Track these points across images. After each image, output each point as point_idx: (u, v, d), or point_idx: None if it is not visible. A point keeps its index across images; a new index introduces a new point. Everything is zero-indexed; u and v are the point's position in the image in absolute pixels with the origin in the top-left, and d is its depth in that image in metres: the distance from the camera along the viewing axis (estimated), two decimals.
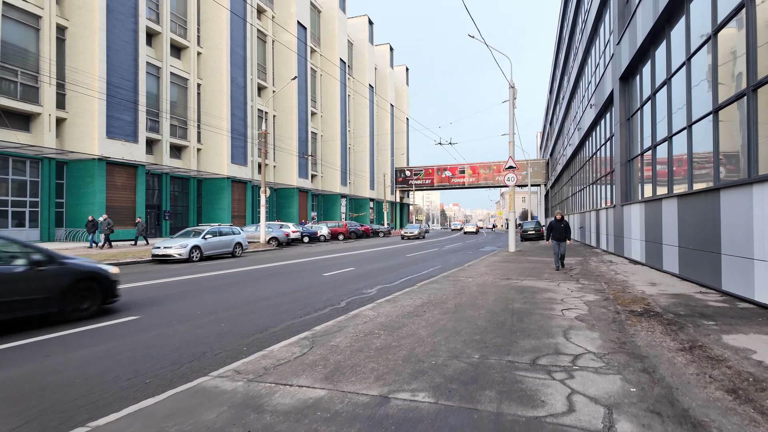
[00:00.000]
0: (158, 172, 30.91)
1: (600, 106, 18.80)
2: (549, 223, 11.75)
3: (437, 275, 11.29)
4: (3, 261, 5.88)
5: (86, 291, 6.56)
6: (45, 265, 6.08)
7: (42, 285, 5.98)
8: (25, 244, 6.32)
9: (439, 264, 15.23)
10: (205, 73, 35.22)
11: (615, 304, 6.88)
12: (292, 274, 12.14)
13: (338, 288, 9.50)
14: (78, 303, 6.43)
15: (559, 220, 11.71)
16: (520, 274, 11.04)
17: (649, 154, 12.20)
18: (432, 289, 8.54)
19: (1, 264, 5.83)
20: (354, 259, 17.14)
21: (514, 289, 8.52)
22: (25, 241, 6.62)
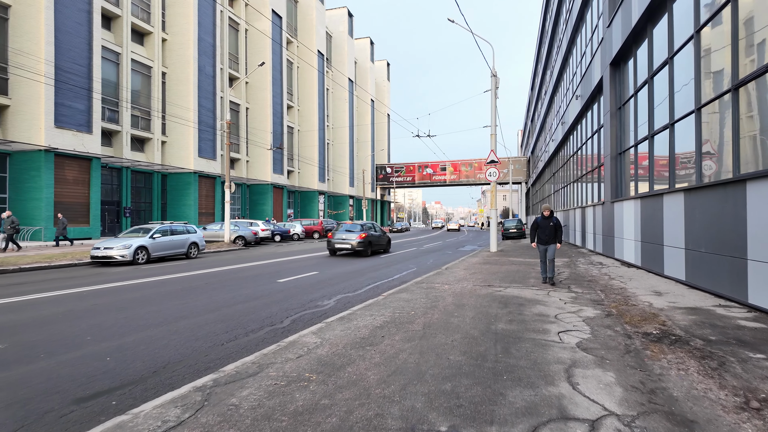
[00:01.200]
0: (117, 165, 28.73)
1: (586, 97, 17.64)
2: (534, 222, 9.01)
3: (410, 280, 9.85)
4: None
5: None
6: None
7: None
8: None
9: (415, 266, 13.80)
10: (171, 61, 33.05)
11: (622, 322, 5.53)
12: (243, 280, 10.54)
13: (289, 299, 7.96)
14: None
15: (546, 218, 8.91)
16: (503, 279, 9.68)
17: (646, 144, 10.98)
18: (400, 301, 7.08)
19: None
20: (321, 261, 15.59)
21: (497, 300, 7.12)
22: None
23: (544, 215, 8.98)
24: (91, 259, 14.05)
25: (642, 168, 11.51)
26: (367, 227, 18.73)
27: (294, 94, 50.65)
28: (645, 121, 11.09)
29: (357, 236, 17.61)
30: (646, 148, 10.99)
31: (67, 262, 14.11)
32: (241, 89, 41.33)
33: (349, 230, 18.20)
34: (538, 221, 9.04)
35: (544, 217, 8.97)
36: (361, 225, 18.70)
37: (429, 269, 12.78)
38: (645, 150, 11.10)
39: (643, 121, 11.25)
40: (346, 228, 18.56)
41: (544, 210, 9.01)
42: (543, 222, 8.96)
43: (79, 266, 14.03)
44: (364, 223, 19.16)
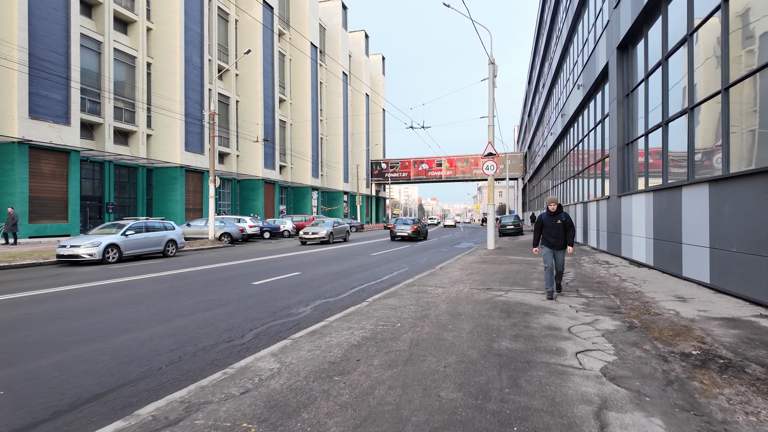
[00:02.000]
0: (100, 159, 27.55)
1: (589, 86, 16.68)
2: (537, 219, 6.97)
3: (400, 282, 8.87)
4: None
5: None
6: None
7: None
8: None
9: (407, 266, 12.83)
10: (156, 51, 31.81)
11: (650, 338, 4.57)
12: (214, 282, 9.53)
13: (260, 306, 6.95)
14: None
15: (553, 214, 6.81)
16: (502, 281, 8.72)
17: (658, 133, 10.04)
18: (385, 309, 6.10)
19: None
20: (308, 259, 14.59)
21: (497, 308, 6.15)
22: None
23: (549, 211, 6.83)
24: (57, 259, 12.99)
25: (654, 159, 10.57)
26: (416, 221, 26.69)
27: (286, 87, 49.46)
28: (657, 108, 10.15)
29: (411, 227, 25.62)
30: (658, 137, 10.05)
31: (32, 261, 13.05)
32: (231, 81, 40.13)
33: (405, 223, 26.24)
34: (543, 219, 6.88)
35: (550, 213, 6.81)
36: (413, 220, 26.80)
37: (422, 269, 11.81)
38: (657, 139, 10.16)
39: (656, 107, 10.31)
40: (402, 222, 26.61)
41: (550, 204, 6.82)
42: (549, 220, 6.80)
43: (44, 266, 12.97)
44: (414, 219, 27.11)
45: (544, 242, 6.94)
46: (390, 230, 26.37)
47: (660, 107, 9.94)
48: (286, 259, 14.69)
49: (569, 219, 6.87)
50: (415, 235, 25.36)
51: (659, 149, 10.00)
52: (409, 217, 28.66)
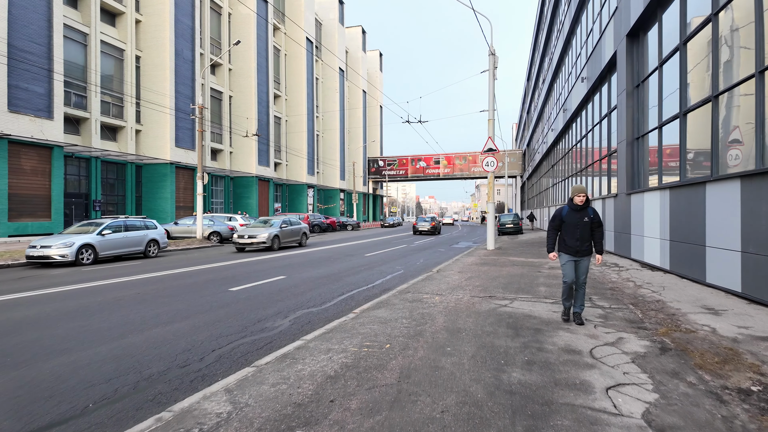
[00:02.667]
0: (86, 155, 26.59)
1: (594, 78, 15.86)
2: (555, 216, 5.37)
3: (393, 288, 8.05)
4: None
5: None
6: None
7: None
8: None
9: (402, 268, 12.00)
10: (146, 44, 30.83)
11: (691, 365, 3.76)
12: (186, 288, 8.68)
13: (231, 318, 6.11)
14: None
15: (580, 208, 5.17)
16: (506, 287, 7.90)
17: (675, 125, 9.23)
18: (374, 323, 5.27)
19: None
20: (296, 261, 13.75)
21: (503, 322, 5.33)
22: None
23: (574, 204, 5.16)
24: (26, 259, 12.11)
25: (669, 153, 9.77)
26: (433, 219, 33.17)
27: (281, 82, 48.52)
28: (673, 98, 9.34)
29: (429, 224, 32.01)
30: (674, 129, 9.24)
31: (1, 263, 12.17)
32: (224, 76, 39.18)
33: (425, 220, 32.74)
34: (563, 215, 5.23)
35: (575, 207, 5.15)
36: (431, 218, 33.28)
37: (418, 272, 10.99)
38: (673, 132, 9.35)
39: (671, 96, 9.50)
40: (422, 219, 33.12)
41: (577, 195, 5.14)
42: (572, 217, 5.15)
43: (12, 267, 12.10)
44: (432, 216, 34.02)
45: (562, 247, 5.24)
46: (413, 226, 32.96)
47: (677, 97, 9.13)
48: (273, 260, 13.84)
49: (598, 216, 5.21)
50: (433, 230, 31.99)
51: (676, 142, 9.19)
52: (428, 215, 36.20)
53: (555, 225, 5.38)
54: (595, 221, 5.20)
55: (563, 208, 5.36)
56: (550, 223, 5.45)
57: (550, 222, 5.42)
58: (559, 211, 5.38)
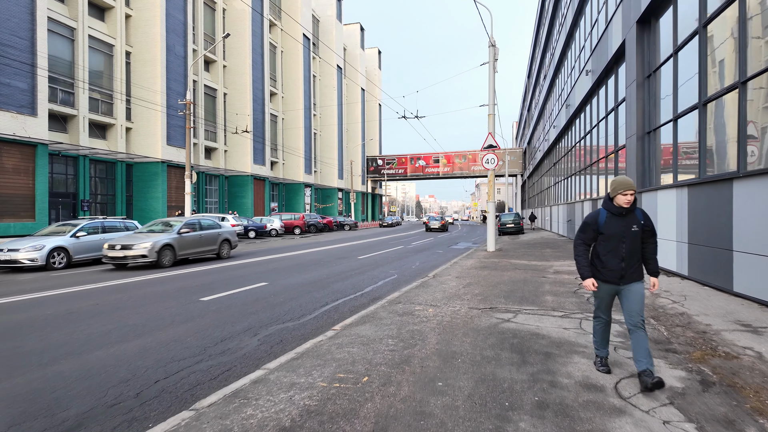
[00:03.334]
0: (74, 154, 25.78)
1: (600, 70, 15.05)
2: (587, 225, 3.60)
3: (383, 298, 7.25)
4: None
5: None
6: None
7: None
8: None
9: (396, 272, 11.19)
10: (136, 39, 30.01)
11: (748, 411, 2.94)
12: (154, 297, 7.87)
13: (193, 335, 5.30)
14: None
15: (625, 213, 3.44)
16: (508, 295, 7.10)
17: (691, 117, 8.42)
18: (354, 344, 4.47)
19: None
20: (284, 264, 12.94)
21: (506, 343, 4.52)
22: None
23: (618, 206, 3.44)
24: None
25: (686, 148, 8.96)
26: (443, 218, 39.44)
27: (278, 80, 47.68)
28: (690, 87, 8.53)
29: (440, 222, 37.69)
30: (692, 122, 8.44)
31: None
32: (219, 73, 38.35)
33: (435, 219, 38.32)
34: (599, 223, 3.53)
35: (618, 211, 3.45)
36: (441, 217, 39.41)
37: (412, 276, 10.19)
38: (691, 125, 8.55)
39: (688, 87, 8.69)
40: (433, 218, 38.64)
41: (622, 193, 3.41)
42: (614, 224, 3.47)
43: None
44: (442, 216, 40.50)
45: (599, 270, 3.56)
46: (425, 224, 38.16)
47: (694, 86, 8.32)
48: (259, 264, 13.03)
49: (650, 222, 3.55)
50: (443, 227, 37.64)
51: (693, 136, 8.38)
52: (439, 215, 40.94)
53: (587, 237, 3.60)
54: (648, 229, 3.49)
55: (598, 213, 3.56)
56: (578, 235, 3.66)
57: (578, 234, 3.66)
58: (592, 217, 3.58)
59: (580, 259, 3.64)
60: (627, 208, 3.42)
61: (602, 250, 3.54)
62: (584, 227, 3.63)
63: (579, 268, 3.64)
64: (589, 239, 3.63)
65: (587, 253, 3.65)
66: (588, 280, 3.57)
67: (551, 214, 30.64)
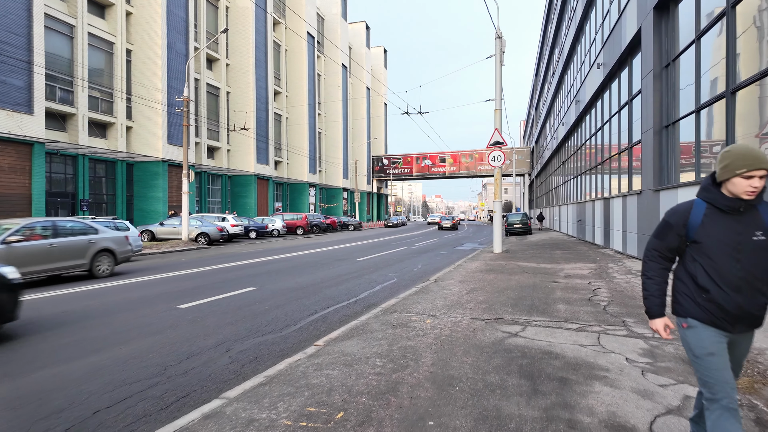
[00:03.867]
0: (73, 153, 25.40)
1: (612, 63, 14.29)
2: (669, 226, 2.12)
3: (378, 306, 6.61)
4: None
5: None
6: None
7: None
8: None
9: (396, 275, 10.53)
10: (137, 37, 29.61)
11: None
12: (130, 305, 7.28)
13: (155, 353, 4.69)
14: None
15: (740, 207, 1.98)
16: (516, 303, 6.42)
17: (719, 107, 7.68)
18: (335, 365, 3.83)
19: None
20: (277, 267, 12.35)
21: (514, 366, 3.85)
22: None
23: (731, 200, 2.01)
24: None
25: (709, 141, 8.22)
26: (454, 217, 43.81)
27: (282, 79, 47.21)
28: (714, 74, 7.80)
29: (451, 221, 41.77)
30: (718, 112, 7.70)
31: None
32: (221, 71, 37.91)
33: (446, 219, 42.26)
34: (692, 222, 2.09)
35: (733, 205, 2.01)
36: (452, 216, 43.18)
37: (413, 281, 9.53)
38: (717, 115, 7.81)
39: (713, 76, 7.95)
40: (444, 218, 42.36)
41: (746, 174, 1.94)
42: (723, 226, 2.03)
43: None
44: (453, 216, 41.42)
45: (697, 304, 2.06)
46: (437, 224, 41.07)
47: (719, 74, 7.59)
48: (253, 266, 12.44)
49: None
50: (454, 227, 41.15)
51: (720, 128, 7.65)
52: (449, 215, 42.70)
53: (667, 247, 2.18)
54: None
55: (689, 207, 2.13)
56: (652, 243, 2.23)
57: (652, 241, 2.23)
58: (678, 214, 2.15)
59: (649, 284, 2.20)
60: (749, 200, 1.98)
61: (699, 270, 2.07)
62: (662, 231, 2.18)
63: (646, 297, 2.21)
64: (669, 250, 2.17)
65: (666, 273, 2.19)
66: (658, 321, 2.16)
67: (560, 214, 29.82)
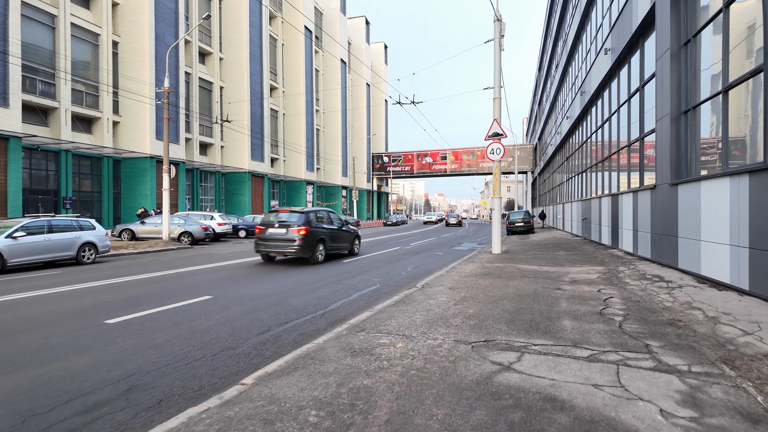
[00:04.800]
0: (54, 148, 24.37)
1: (621, 47, 13.08)
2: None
3: (345, 322, 5.48)
4: None
5: None
6: None
7: None
8: None
9: (379, 280, 9.38)
10: (124, 29, 28.54)
11: None
12: (53, 318, 6.16)
13: (26, 394, 3.57)
14: None
15: None
16: (512, 318, 5.26)
17: (755, 84, 6.50)
18: (251, 422, 2.70)
19: None
20: (255, 269, 11.23)
21: (503, 427, 2.71)
22: None
23: None
24: None
25: (740, 125, 7.04)
26: (459, 215, 44.37)
27: (278, 74, 46.06)
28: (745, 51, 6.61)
29: (457, 219, 45.95)
30: (754, 90, 6.52)
31: None
32: (214, 65, 36.83)
33: (453, 217, 45.29)
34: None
35: None
36: (457, 215, 42.35)
37: (397, 287, 8.39)
38: (750, 95, 6.63)
39: (743, 50, 6.77)
40: (452, 216, 41.11)
41: None
42: None
43: None
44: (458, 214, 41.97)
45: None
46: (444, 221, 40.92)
47: (751, 47, 6.41)
48: (224, 269, 11.32)
49: None
50: (459, 223, 43.18)
51: (752, 109, 6.47)
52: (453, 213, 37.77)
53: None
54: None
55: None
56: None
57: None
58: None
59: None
60: None
61: None
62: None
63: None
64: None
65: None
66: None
67: (563, 212, 28.59)
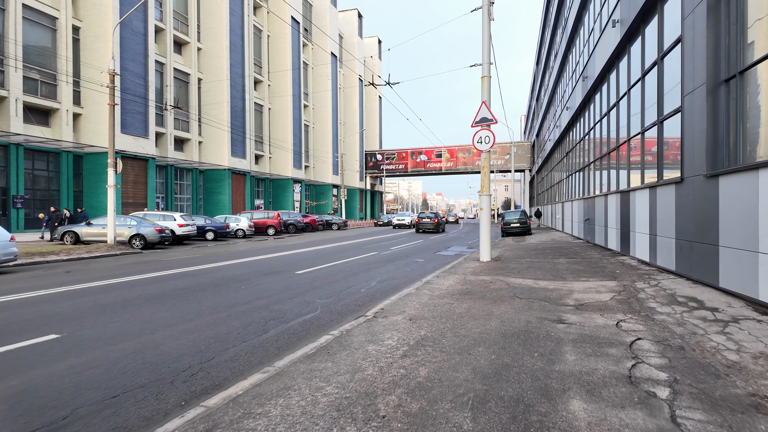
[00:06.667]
0: (3, 142, 22.14)
1: (633, 16, 10.88)
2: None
3: (255, 371, 3.26)
4: None
5: None
6: None
7: None
8: None
9: (327, 301, 7.17)
10: (86, 13, 26.29)
11: None
12: None
13: None
14: None
15: None
16: (485, 394, 3.06)
17: None
18: None
19: None
20: (174, 286, 9.02)
21: None
22: None
23: None
24: None
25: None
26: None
27: (263, 66, 43.81)
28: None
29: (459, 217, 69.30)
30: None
31: None
32: (192, 56, 34.57)
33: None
34: None
35: None
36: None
37: (340, 316, 6.18)
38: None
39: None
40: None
41: None
42: None
43: None
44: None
45: None
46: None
47: None
48: (138, 284, 9.10)
49: None
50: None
51: None
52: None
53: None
54: None
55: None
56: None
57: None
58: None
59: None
60: None
61: None
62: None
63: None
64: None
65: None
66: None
67: (563, 211, 26.41)
